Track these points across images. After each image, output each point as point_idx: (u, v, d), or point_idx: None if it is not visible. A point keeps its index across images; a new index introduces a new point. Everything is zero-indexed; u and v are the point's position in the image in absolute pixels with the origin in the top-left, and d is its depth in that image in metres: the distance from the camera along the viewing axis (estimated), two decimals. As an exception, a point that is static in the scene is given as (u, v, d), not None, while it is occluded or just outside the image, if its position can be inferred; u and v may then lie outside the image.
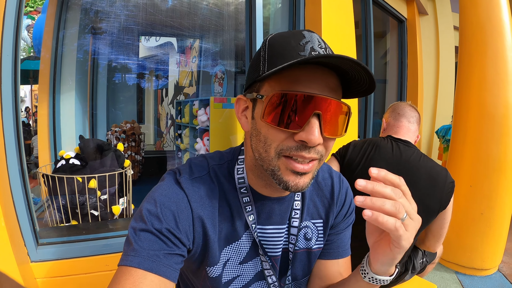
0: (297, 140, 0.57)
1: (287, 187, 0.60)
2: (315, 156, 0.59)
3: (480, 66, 2.43)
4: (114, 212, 2.25)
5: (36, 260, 1.55)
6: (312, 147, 0.57)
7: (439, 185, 1.31)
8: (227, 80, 4.87)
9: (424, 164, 1.35)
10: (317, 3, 2.05)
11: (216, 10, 3.78)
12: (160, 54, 5.92)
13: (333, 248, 0.81)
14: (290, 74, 0.57)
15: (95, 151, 2.40)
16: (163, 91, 6.69)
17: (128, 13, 3.62)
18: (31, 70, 3.20)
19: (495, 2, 2.40)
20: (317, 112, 0.56)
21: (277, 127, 0.57)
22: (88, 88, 3.44)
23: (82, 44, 3.22)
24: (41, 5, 3.28)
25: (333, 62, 0.54)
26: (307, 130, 0.56)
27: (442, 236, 1.43)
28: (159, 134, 6.58)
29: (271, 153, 0.60)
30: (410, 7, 4.22)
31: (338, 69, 0.57)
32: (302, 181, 0.60)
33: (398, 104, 1.56)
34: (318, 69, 0.57)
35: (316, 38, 0.60)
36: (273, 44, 0.62)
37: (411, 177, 1.31)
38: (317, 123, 0.56)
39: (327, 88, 0.57)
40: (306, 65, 0.57)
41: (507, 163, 2.37)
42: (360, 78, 0.57)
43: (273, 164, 0.60)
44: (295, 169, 0.58)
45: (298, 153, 0.57)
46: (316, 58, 0.51)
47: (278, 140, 0.58)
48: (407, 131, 1.47)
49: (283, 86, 0.58)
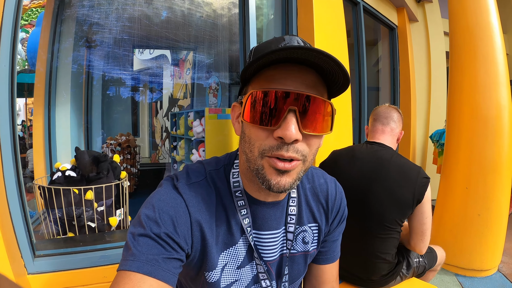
0: (275, 137, 0.58)
1: (269, 185, 0.60)
2: (294, 155, 0.58)
3: (471, 70, 2.48)
4: (111, 224, 2.23)
5: (33, 272, 1.54)
6: (291, 145, 0.58)
7: (411, 179, 1.37)
8: (221, 91, 4.89)
9: (395, 160, 1.43)
10: (309, 13, 2.09)
11: (209, 22, 3.83)
12: (154, 66, 5.95)
13: (329, 254, 0.85)
14: (267, 75, 0.59)
15: (91, 163, 2.38)
16: (157, 104, 6.70)
17: (123, 26, 3.65)
18: (25, 84, 3.20)
19: (483, 6, 2.47)
20: (292, 108, 0.57)
21: (257, 125, 0.59)
22: (83, 101, 3.44)
23: (77, 57, 3.23)
24: (35, 19, 3.30)
25: (297, 55, 0.55)
26: (283, 126, 0.56)
27: (424, 234, 1.44)
28: (154, 146, 6.56)
29: (255, 152, 0.61)
30: (400, 14, 4.31)
31: (315, 66, 0.58)
32: (284, 180, 0.60)
33: (375, 109, 1.65)
34: (294, 66, 0.58)
35: (295, 40, 0.62)
36: (257, 50, 0.65)
37: (382, 171, 1.41)
38: (293, 119, 0.56)
39: (303, 84, 0.58)
40: (281, 63, 0.58)
41: (502, 163, 2.40)
42: (334, 71, 0.57)
43: (258, 163, 0.61)
44: (276, 166, 0.59)
45: (278, 152, 0.58)
46: (279, 50, 0.53)
47: (260, 139, 0.60)
48: (381, 133, 1.56)
49: (261, 86, 0.60)
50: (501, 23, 2.48)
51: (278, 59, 0.57)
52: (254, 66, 0.57)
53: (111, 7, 3.44)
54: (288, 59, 0.57)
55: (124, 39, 3.93)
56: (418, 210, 1.41)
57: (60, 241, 1.89)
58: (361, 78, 3.41)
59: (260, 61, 0.55)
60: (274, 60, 0.57)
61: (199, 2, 3.69)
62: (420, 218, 1.42)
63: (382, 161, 1.44)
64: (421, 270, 1.63)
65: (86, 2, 3.23)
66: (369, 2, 3.56)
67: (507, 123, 2.40)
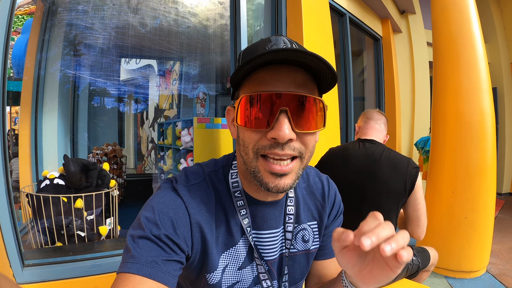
0: (269, 138, 0.58)
1: (267, 188, 0.61)
2: (290, 153, 0.59)
3: (455, 77, 2.58)
4: (102, 233, 2.17)
5: (22, 282, 1.49)
6: (286, 144, 0.58)
7: (402, 170, 1.50)
8: (209, 101, 4.89)
9: (386, 155, 1.55)
10: (298, 24, 2.14)
11: (198, 32, 3.85)
12: (140, 76, 5.90)
13: (328, 248, 0.85)
14: (256, 77, 0.61)
15: (80, 171, 2.33)
16: (143, 114, 6.63)
17: (109, 35, 3.63)
18: (10, 92, 3.12)
19: (466, 17, 2.58)
20: (283, 109, 0.57)
21: (250, 128, 0.60)
22: (70, 110, 3.38)
23: (64, 65, 3.19)
24: (21, 26, 3.24)
25: (283, 57, 0.56)
26: (276, 127, 0.57)
27: (419, 220, 1.56)
28: (140, 157, 6.46)
29: (250, 154, 0.62)
30: (385, 25, 4.45)
31: (303, 65, 0.58)
32: (283, 182, 0.60)
33: (367, 111, 1.80)
34: (282, 67, 0.59)
35: (282, 40, 0.63)
36: (245, 54, 0.66)
37: (375, 166, 1.53)
38: (285, 119, 0.57)
39: (293, 84, 0.59)
40: (270, 65, 0.59)
41: (486, 166, 2.48)
42: (321, 69, 0.58)
43: (253, 165, 0.62)
44: (273, 170, 0.59)
45: (272, 150, 0.58)
46: (265, 54, 0.54)
47: (253, 141, 0.61)
48: (375, 132, 1.70)
49: (251, 89, 0.61)
50: (482, 33, 2.60)
51: (266, 62, 0.58)
52: (243, 71, 0.59)
53: (99, 16, 3.42)
54: (276, 61, 0.58)
55: (111, 48, 3.91)
56: (411, 198, 1.53)
57: (50, 251, 1.84)
58: (347, 87, 3.49)
59: (247, 66, 0.56)
60: (262, 63, 0.58)
61: (187, 13, 3.71)
62: (414, 205, 1.54)
63: (374, 156, 1.55)
64: (415, 269, 1.66)
65: (74, 11, 3.20)
66: (355, 13, 3.67)
67: (490, 128, 2.50)
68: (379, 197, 1.50)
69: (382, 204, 1.49)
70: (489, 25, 5.67)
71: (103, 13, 3.44)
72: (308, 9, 2.16)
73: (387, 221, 0.48)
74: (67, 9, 3.14)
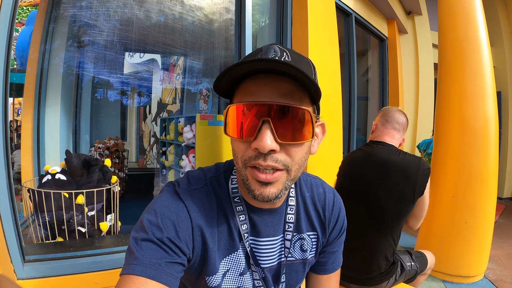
0: (253, 148, 0.58)
1: (254, 195, 0.61)
2: (273, 164, 0.58)
3: (460, 82, 2.56)
4: (102, 229, 2.18)
5: (23, 278, 1.49)
6: (269, 155, 0.58)
7: (411, 175, 1.44)
8: (212, 97, 4.88)
9: (398, 159, 1.49)
10: (304, 23, 2.13)
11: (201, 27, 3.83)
12: (143, 70, 5.89)
13: (329, 264, 0.85)
14: (243, 88, 0.61)
15: (82, 166, 2.34)
16: (146, 108, 6.63)
17: (114, 28, 3.61)
18: (13, 84, 3.12)
19: (472, 21, 2.56)
20: (265, 119, 0.57)
21: (236, 138, 0.60)
22: (73, 103, 3.38)
23: (68, 58, 3.18)
24: (25, 17, 3.23)
25: (263, 67, 0.55)
26: (258, 138, 0.57)
27: (422, 216, 1.56)
28: (141, 151, 6.47)
29: (239, 163, 0.62)
30: (390, 26, 4.43)
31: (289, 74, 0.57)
32: (268, 191, 0.60)
33: (388, 109, 1.68)
34: (267, 77, 0.58)
35: (272, 49, 0.61)
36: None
37: (383, 171, 1.48)
38: (267, 130, 0.56)
39: (277, 94, 0.58)
40: (255, 75, 0.59)
41: (488, 173, 2.47)
42: (302, 79, 0.57)
43: (243, 174, 0.62)
44: (258, 178, 0.59)
45: (256, 161, 0.59)
46: (241, 64, 0.54)
47: (241, 151, 0.61)
48: (390, 137, 1.61)
49: (239, 99, 0.61)
50: (489, 37, 2.58)
51: (250, 72, 0.57)
52: (224, 81, 0.59)
53: (104, 9, 3.40)
54: (261, 70, 0.57)
55: (115, 42, 3.90)
56: (420, 201, 1.50)
57: (50, 246, 1.84)
58: (351, 87, 3.48)
59: (225, 76, 0.57)
60: (245, 73, 0.58)
61: (192, 7, 3.69)
62: (422, 205, 1.52)
63: (383, 161, 1.50)
64: (413, 274, 1.67)
65: (78, 3, 3.19)
66: (361, 13, 3.65)
67: (493, 134, 2.49)
68: (388, 202, 1.45)
69: (390, 210, 1.46)
70: (496, 29, 5.62)
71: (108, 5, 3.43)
72: (314, 8, 2.15)
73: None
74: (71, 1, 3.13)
